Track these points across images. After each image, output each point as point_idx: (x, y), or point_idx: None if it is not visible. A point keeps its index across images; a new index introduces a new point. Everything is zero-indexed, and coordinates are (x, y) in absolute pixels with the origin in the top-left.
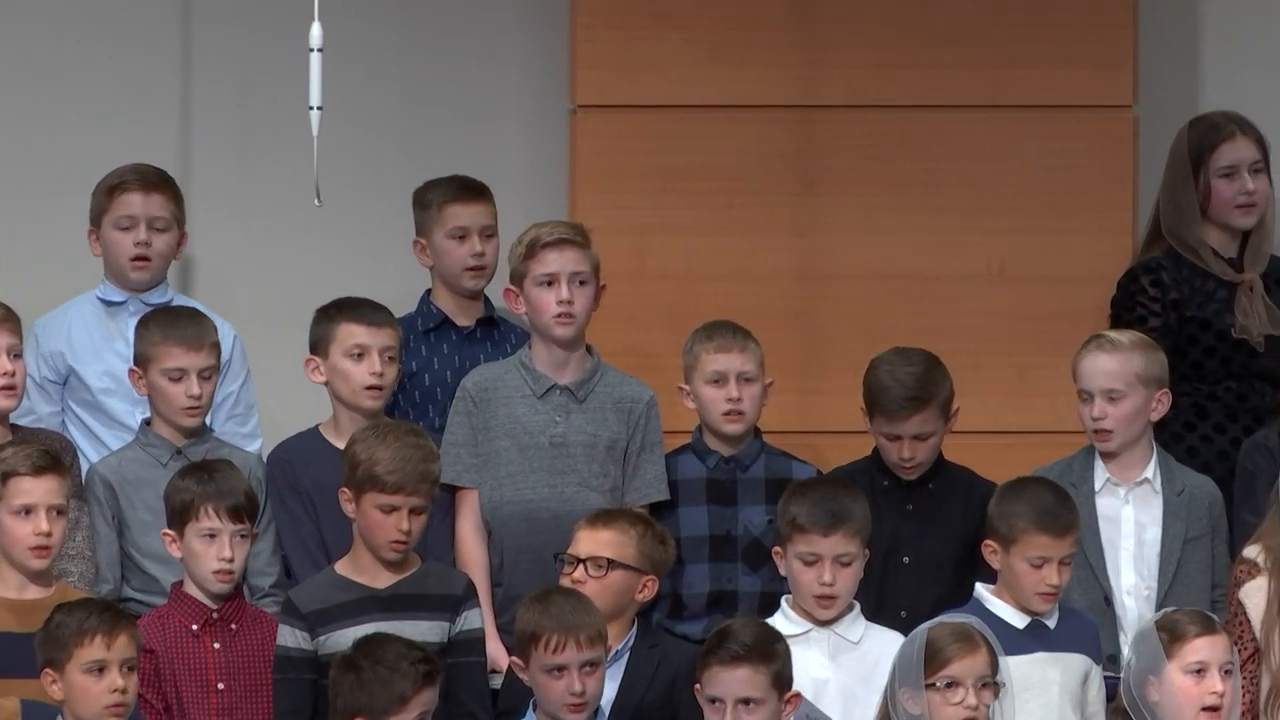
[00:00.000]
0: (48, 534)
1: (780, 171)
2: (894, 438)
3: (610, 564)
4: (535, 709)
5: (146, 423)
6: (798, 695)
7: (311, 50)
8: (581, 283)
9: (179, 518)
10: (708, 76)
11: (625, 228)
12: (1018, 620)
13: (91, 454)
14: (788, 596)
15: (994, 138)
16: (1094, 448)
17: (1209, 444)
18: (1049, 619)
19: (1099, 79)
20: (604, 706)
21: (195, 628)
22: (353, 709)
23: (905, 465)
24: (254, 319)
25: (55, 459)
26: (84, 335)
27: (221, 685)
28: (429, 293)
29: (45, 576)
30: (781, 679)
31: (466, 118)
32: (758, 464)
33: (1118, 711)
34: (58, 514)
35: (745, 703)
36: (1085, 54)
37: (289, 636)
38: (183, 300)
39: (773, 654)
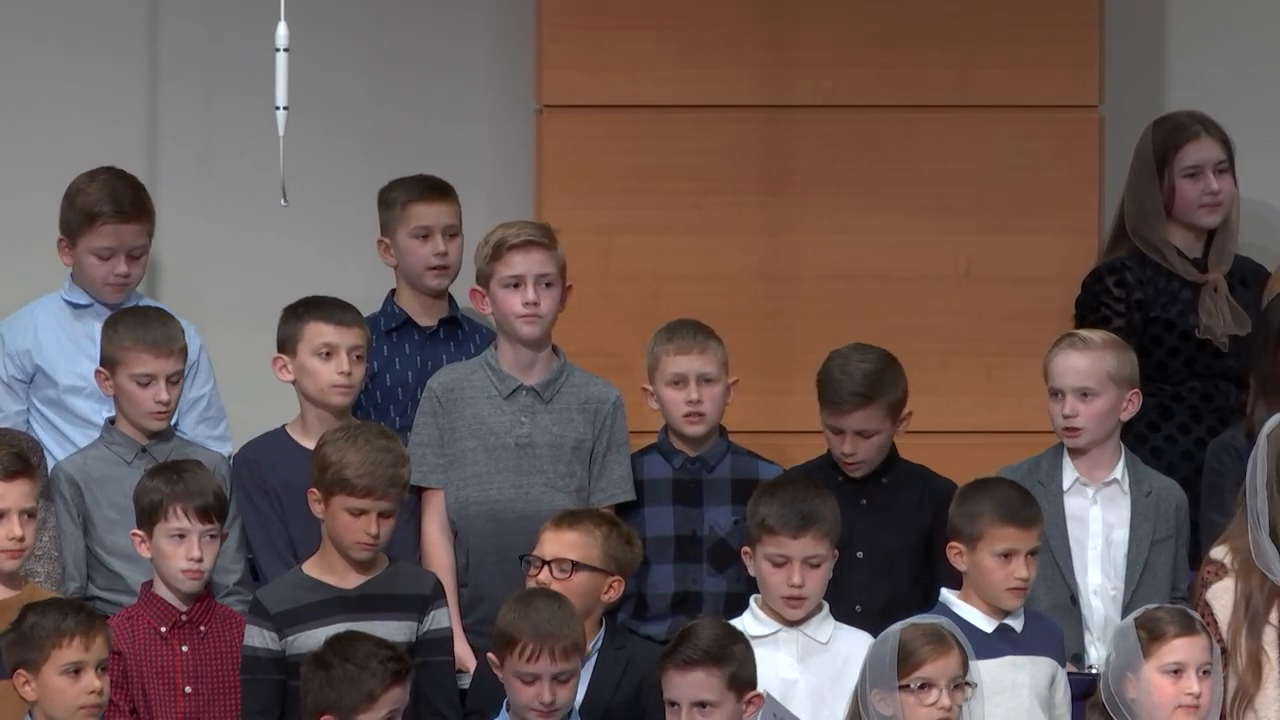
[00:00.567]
0: (20, 538)
1: (747, 171)
2: (838, 431)
3: (575, 566)
4: (509, 709)
5: (111, 421)
6: (759, 696)
7: (277, 50)
8: (548, 285)
9: (148, 518)
10: (674, 77)
11: (592, 228)
12: (986, 624)
13: (57, 451)
14: (757, 596)
15: (960, 138)
16: (1062, 447)
17: (1173, 444)
18: (1016, 621)
19: (1065, 79)
20: (573, 707)
21: (164, 630)
22: (322, 707)
23: (848, 460)
24: (219, 319)
25: (25, 461)
26: (52, 335)
27: (189, 689)
28: (393, 292)
29: (14, 577)
30: (738, 680)
31: (433, 118)
32: (723, 464)
33: (1095, 707)
34: (29, 517)
35: (701, 706)
36: (1051, 54)
37: (257, 637)
38: (149, 302)
39: (728, 656)
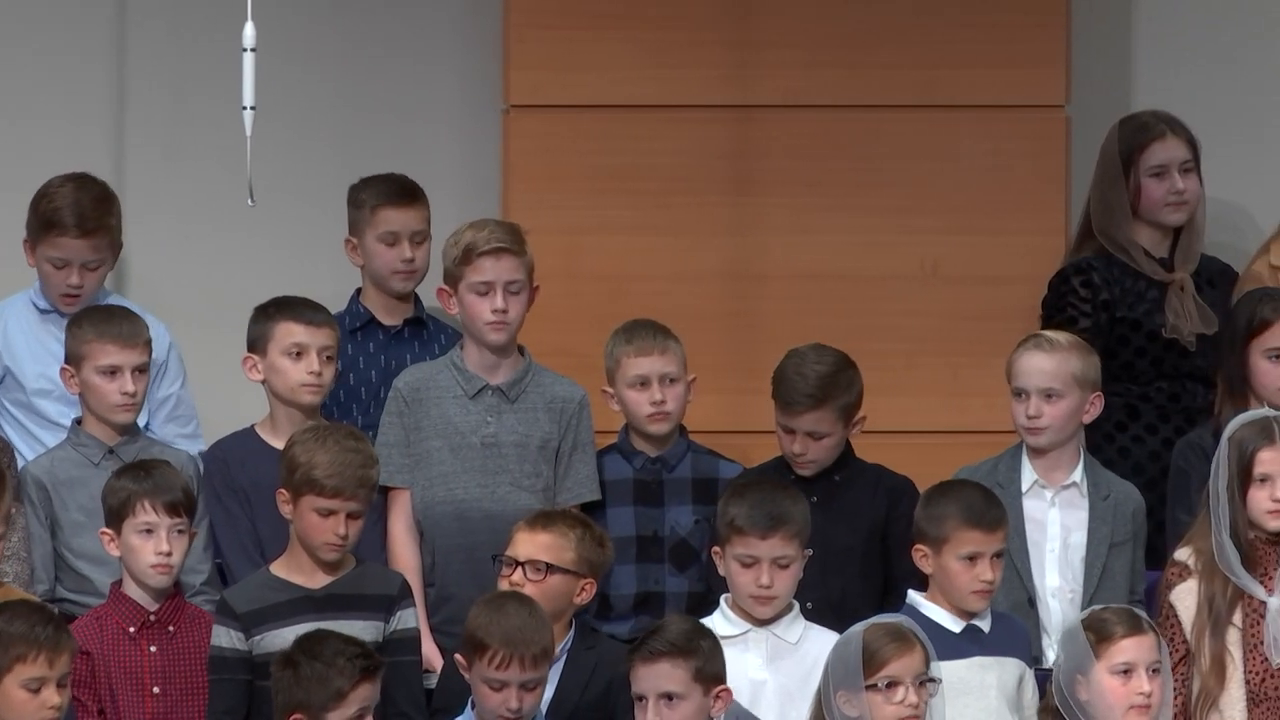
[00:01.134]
0: None
1: (714, 171)
2: (789, 430)
3: (550, 568)
4: (473, 707)
5: (77, 422)
6: (728, 691)
7: (245, 50)
8: (516, 291)
9: (116, 515)
10: (641, 76)
11: (558, 228)
12: (953, 624)
13: (27, 453)
14: (726, 596)
15: (927, 138)
16: (1020, 448)
17: (1141, 444)
18: (983, 622)
19: (1031, 79)
20: (541, 708)
21: (132, 630)
22: (291, 706)
23: (798, 460)
24: (187, 318)
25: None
26: (21, 338)
27: (157, 689)
28: (359, 292)
29: None
30: (705, 674)
31: (400, 117)
32: (684, 464)
33: (1048, 710)
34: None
35: (668, 698)
36: (1018, 54)
37: (224, 637)
38: (116, 300)
39: (694, 649)
